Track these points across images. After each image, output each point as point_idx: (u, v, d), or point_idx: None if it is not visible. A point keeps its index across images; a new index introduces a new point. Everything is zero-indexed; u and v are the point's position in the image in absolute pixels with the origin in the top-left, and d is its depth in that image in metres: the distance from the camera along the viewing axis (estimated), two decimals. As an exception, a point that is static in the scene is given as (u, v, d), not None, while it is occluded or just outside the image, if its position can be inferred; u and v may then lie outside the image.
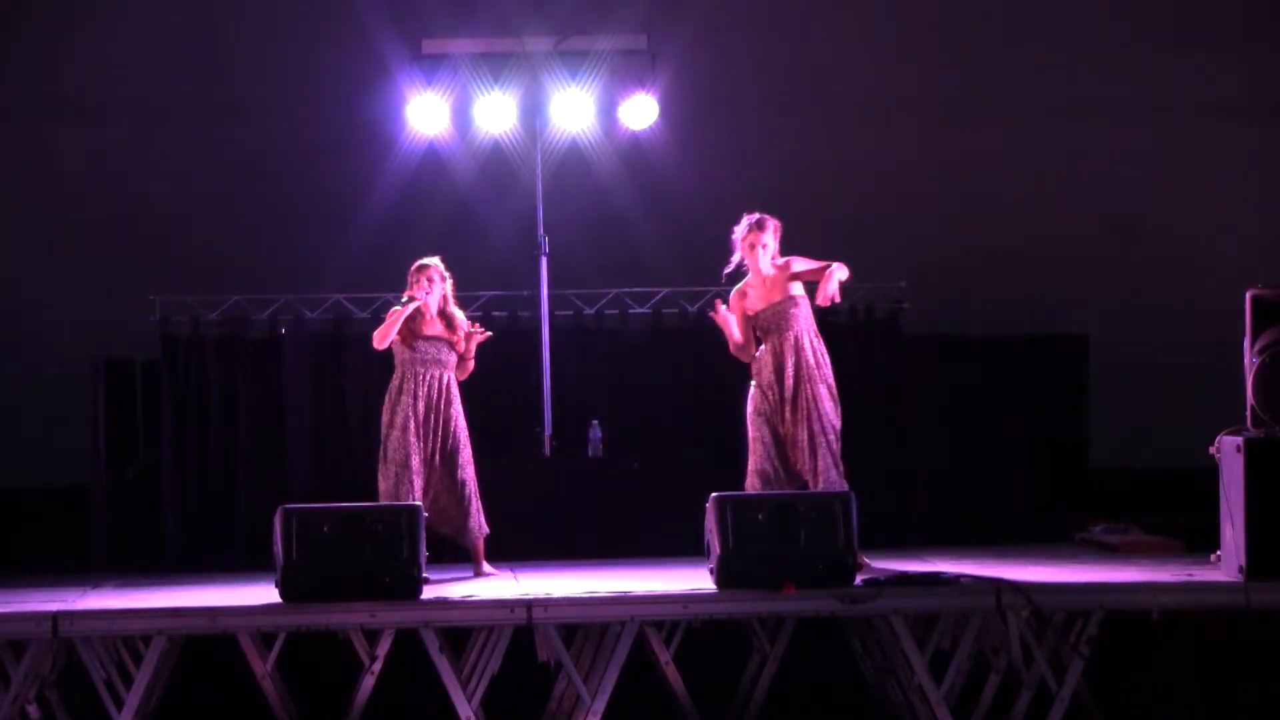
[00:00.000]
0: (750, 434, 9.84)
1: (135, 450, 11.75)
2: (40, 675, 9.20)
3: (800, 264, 9.74)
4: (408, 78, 11.72)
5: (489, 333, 10.15)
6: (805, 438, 9.67)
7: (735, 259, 9.84)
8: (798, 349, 9.71)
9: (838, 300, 9.57)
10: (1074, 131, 13.21)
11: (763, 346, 9.82)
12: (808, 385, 9.69)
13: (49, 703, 9.43)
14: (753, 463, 9.80)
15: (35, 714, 9.30)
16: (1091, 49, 13.22)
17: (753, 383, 9.86)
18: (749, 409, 9.86)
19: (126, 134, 12.83)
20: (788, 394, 9.72)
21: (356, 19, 12.65)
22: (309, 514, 8.89)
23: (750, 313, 9.82)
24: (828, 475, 9.62)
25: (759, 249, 9.73)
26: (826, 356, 9.79)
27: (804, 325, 9.75)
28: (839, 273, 9.52)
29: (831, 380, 9.76)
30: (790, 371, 9.71)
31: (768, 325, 9.78)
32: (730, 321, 9.78)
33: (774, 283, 9.76)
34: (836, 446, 9.72)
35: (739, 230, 9.80)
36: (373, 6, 12.59)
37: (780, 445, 9.76)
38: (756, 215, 9.79)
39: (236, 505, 11.51)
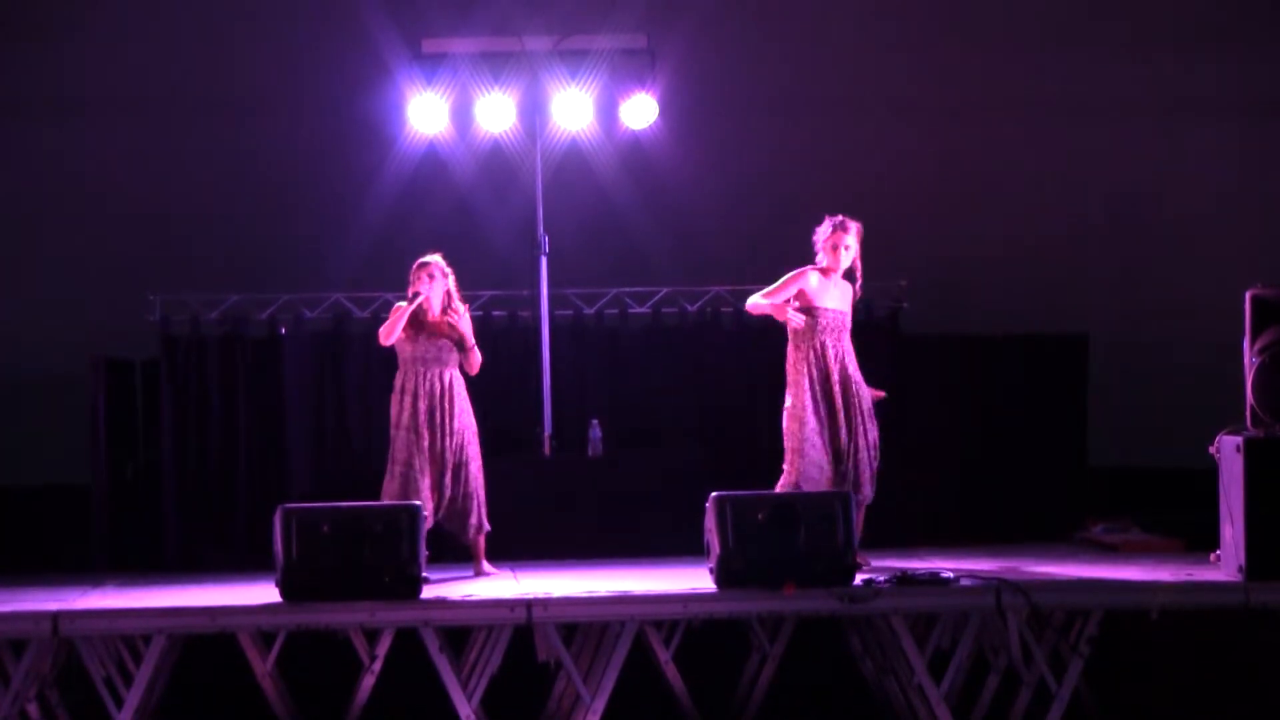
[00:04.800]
0: (789, 443, 9.84)
1: (135, 450, 11.75)
2: (40, 674, 9.20)
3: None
4: (408, 77, 11.72)
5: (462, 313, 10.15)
6: (860, 429, 9.83)
7: (820, 259, 9.93)
8: (844, 359, 9.90)
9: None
10: (1074, 131, 13.21)
11: (808, 345, 9.87)
12: (855, 396, 9.88)
13: (49, 702, 9.43)
14: (789, 473, 9.79)
15: (35, 713, 9.30)
16: (1091, 49, 13.22)
17: (791, 390, 9.87)
18: (796, 415, 9.83)
19: (126, 133, 12.82)
20: (835, 395, 9.80)
21: (357, 18, 12.65)
22: (309, 513, 8.90)
23: (814, 303, 9.86)
24: (876, 455, 9.91)
25: (842, 250, 9.88)
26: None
27: (849, 337, 9.99)
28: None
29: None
30: (838, 378, 9.82)
31: (827, 325, 9.86)
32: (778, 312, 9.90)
33: (847, 291, 9.93)
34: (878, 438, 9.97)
35: (822, 230, 9.92)
36: (373, 6, 12.59)
37: (826, 453, 9.80)
38: (839, 217, 9.93)
39: (236, 505, 11.51)
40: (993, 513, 11.55)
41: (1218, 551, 9.29)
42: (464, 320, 10.09)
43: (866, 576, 9.10)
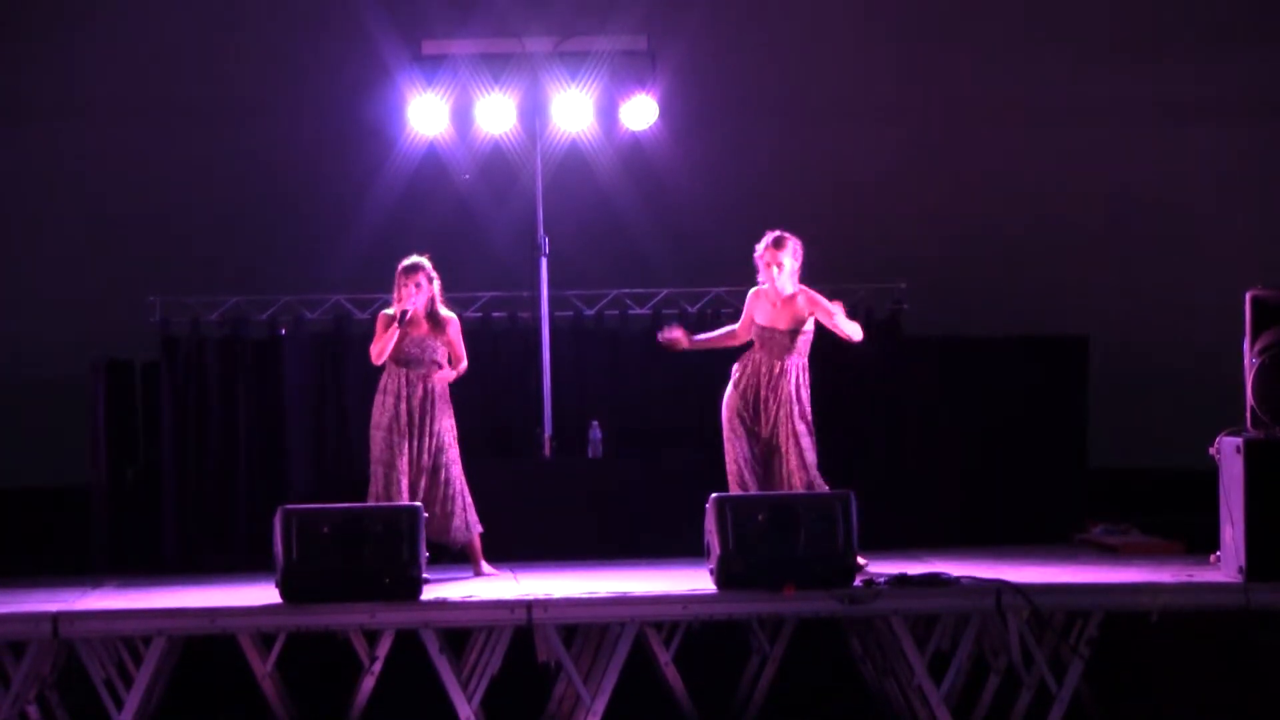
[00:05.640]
0: (725, 433, 9.97)
1: (135, 451, 11.75)
2: (40, 676, 9.20)
3: (820, 308, 9.86)
4: (408, 78, 11.72)
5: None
6: (793, 452, 9.77)
7: (761, 277, 9.91)
8: (782, 379, 9.84)
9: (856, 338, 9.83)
10: (1074, 131, 13.21)
11: (752, 354, 9.90)
12: (787, 422, 9.84)
13: (49, 703, 9.43)
14: (728, 465, 9.94)
15: (35, 715, 9.30)
16: (1091, 49, 13.22)
17: (731, 384, 9.95)
18: (725, 409, 9.98)
19: (126, 134, 12.83)
20: (763, 408, 9.82)
21: (357, 20, 12.65)
22: (309, 514, 8.90)
23: (753, 317, 9.98)
24: (814, 473, 9.80)
25: (774, 268, 9.83)
26: (808, 388, 9.96)
27: (798, 357, 9.90)
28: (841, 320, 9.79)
29: (808, 412, 9.93)
30: (768, 395, 9.83)
31: (766, 342, 9.86)
32: (680, 342, 10.01)
33: (786, 307, 9.85)
34: (811, 459, 9.85)
35: (759, 247, 9.90)
36: (373, 7, 12.60)
37: (754, 448, 9.85)
38: (776, 233, 9.90)
39: (236, 506, 11.50)
40: (993, 514, 11.55)
41: (1218, 553, 9.29)
42: (454, 364, 10.09)
43: (866, 578, 9.09)
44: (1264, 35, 13.21)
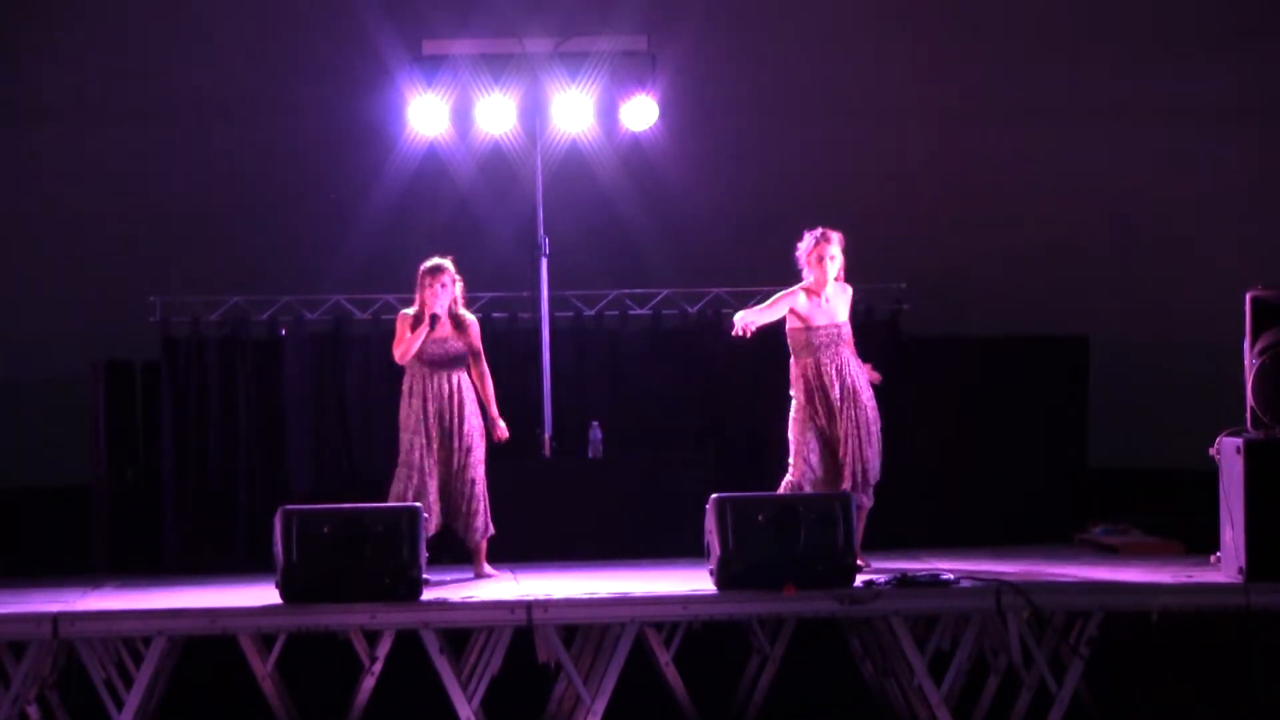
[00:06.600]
0: (793, 446, 9.86)
1: (135, 451, 11.75)
2: (40, 676, 9.21)
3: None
4: (408, 79, 11.72)
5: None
6: (853, 439, 9.72)
7: (805, 274, 9.83)
8: (842, 371, 9.79)
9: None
10: (1074, 133, 13.20)
11: (806, 360, 9.84)
12: (852, 407, 9.76)
13: (49, 703, 9.44)
14: (793, 474, 9.84)
15: (35, 715, 9.30)
16: (1092, 51, 13.22)
17: (794, 397, 9.88)
18: (796, 420, 9.85)
19: (126, 135, 12.82)
20: (835, 407, 9.75)
21: (357, 20, 12.65)
22: (309, 515, 8.91)
23: (808, 322, 9.82)
24: (873, 465, 9.79)
25: (828, 261, 9.75)
26: (862, 365, 9.94)
27: (849, 345, 9.87)
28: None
29: (870, 389, 9.87)
30: (838, 392, 9.75)
31: (822, 342, 9.78)
32: (751, 325, 9.73)
33: (837, 301, 9.80)
34: (871, 451, 9.83)
35: (805, 245, 9.81)
36: (373, 7, 12.59)
37: (824, 458, 9.78)
38: (820, 229, 9.81)
39: (236, 506, 11.51)
40: (993, 514, 11.55)
41: (1218, 553, 9.29)
42: (475, 367, 10.12)
43: (867, 578, 9.10)
44: (1265, 35, 13.19)
